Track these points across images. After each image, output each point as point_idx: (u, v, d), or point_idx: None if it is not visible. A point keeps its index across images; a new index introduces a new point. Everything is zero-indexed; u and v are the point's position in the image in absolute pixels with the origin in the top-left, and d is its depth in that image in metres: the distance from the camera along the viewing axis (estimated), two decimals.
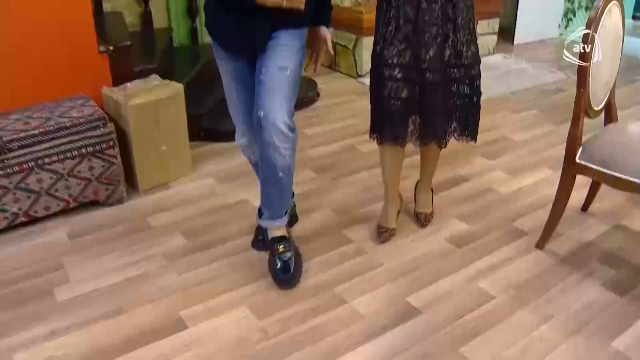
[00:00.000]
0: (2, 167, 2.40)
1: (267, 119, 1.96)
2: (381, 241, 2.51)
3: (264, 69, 2.00)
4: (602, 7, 2.16)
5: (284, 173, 2.08)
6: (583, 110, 2.24)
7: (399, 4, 2.15)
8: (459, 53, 2.20)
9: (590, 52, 2.14)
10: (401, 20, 2.16)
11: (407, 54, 2.17)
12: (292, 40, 2.03)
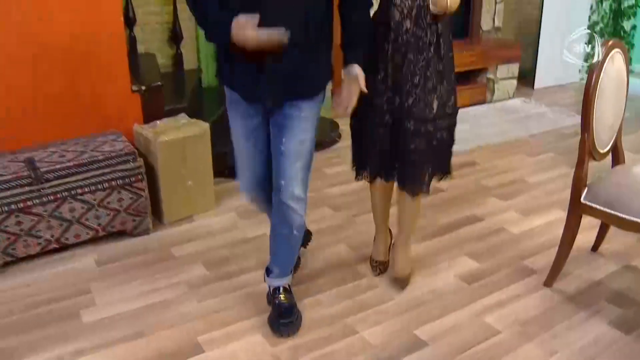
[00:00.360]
0: (38, 196, 2.58)
1: (287, 188, 2.08)
2: (375, 274, 2.62)
3: (285, 140, 2.06)
4: (604, 54, 2.28)
5: (298, 231, 2.19)
6: (587, 152, 2.34)
7: (389, 53, 2.23)
8: (444, 103, 2.26)
9: (593, 95, 2.26)
10: (389, 69, 2.24)
11: (396, 100, 2.24)
12: (311, 110, 2.09)
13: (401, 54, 2.21)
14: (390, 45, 2.23)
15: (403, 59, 2.21)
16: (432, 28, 2.19)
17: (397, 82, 2.24)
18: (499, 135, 4.49)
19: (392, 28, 2.22)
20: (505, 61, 5.43)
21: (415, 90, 2.21)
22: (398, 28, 2.21)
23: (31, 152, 2.75)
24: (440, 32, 2.20)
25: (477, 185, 3.59)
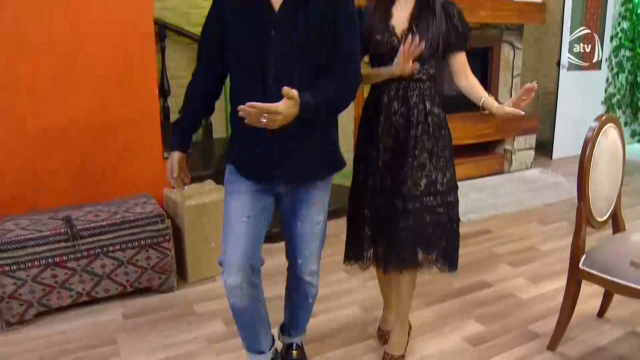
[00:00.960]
0: (73, 252, 2.80)
1: (305, 265, 2.17)
2: (381, 343, 2.66)
3: (300, 223, 2.12)
4: (597, 128, 2.46)
5: (313, 299, 2.29)
6: (585, 220, 2.47)
7: (379, 134, 2.29)
8: (434, 181, 2.27)
9: (587, 166, 2.42)
10: (381, 150, 2.29)
11: (387, 181, 2.29)
12: (323, 193, 2.14)
13: (391, 135, 2.28)
14: (380, 127, 2.29)
15: (394, 140, 2.27)
16: (420, 107, 2.26)
17: (388, 163, 2.29)
18: (514, 205, 4.62)
19: (381, 110, 2.30)
20: (523, 133, 5.62)
21: (404, 169, 2.25)
22: (387, 110, 2.28)
23: (69, 210, 2.99)
24: (428, 110, 2.27)
25: (489, 253, 3.71)
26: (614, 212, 2.69)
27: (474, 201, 4.63)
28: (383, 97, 2.29)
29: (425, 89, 2.28)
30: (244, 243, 2.04)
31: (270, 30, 1.89)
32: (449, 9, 2.27)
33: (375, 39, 2.25)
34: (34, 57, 2.93)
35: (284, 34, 1.89)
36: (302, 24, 1.89)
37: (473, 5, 4.98)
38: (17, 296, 2.71)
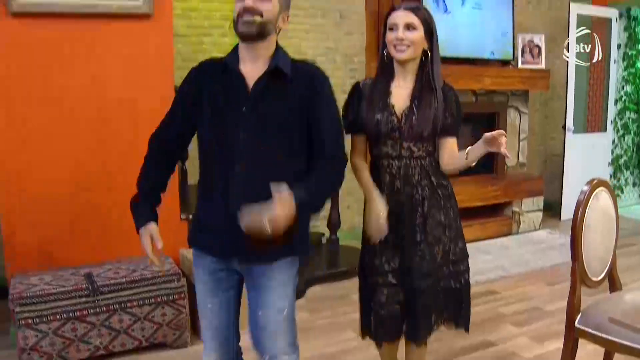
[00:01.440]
0: (92, 307, 2.96)
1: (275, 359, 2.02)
2: None
3: (262, 312, 1.98)
4: (588, 192, 2.60)
5: None
6: (579, 280, 2.59)
7: (388, 211, 2.23)
8: (448, 251, 2.28)
9: (579, 228, 2.55)
10: (388, 233, 2.24)
11: (397, 260, 2.28)
12: (287, 272, 2.01)
13: (396, 215, 2.25)
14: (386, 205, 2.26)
15: (397, 220, 2.25)
16: (424, 183, 2.26)
17: (397, 243, 2.27)
18: (520, 265, 4.71)
19: (383, 190, 2.27)
20: (530, 195, 5.75)
21: (419, 247, 2.24)
22: (389, 189, 2.27)
23: (90, 268, 3.17)
24: (436, 184, 2.27)
25: (493, 313, 3.79)
26: (609, 272, 2.80)
27: (481, 262, 4.72)
28: (385, 176, 2.28)
29: (426, 165, 2.28)
30: (214, 327, 2.07)
31: (242, 106, 1.90)
32: (447, 93, 2.29)
33: (376, 119, 2.25)
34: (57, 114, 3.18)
35: (256, 110, 1.90)
36: (275, 103, 1.90)
37: (478, 73, 5.22)
38: (39, 348, 2.86)
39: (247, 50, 1.95)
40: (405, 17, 2.22)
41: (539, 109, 6.55)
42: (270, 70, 1.92)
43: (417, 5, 2.31)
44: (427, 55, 2.27)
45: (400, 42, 2.22)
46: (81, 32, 3.20)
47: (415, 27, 2.22)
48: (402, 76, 2.30)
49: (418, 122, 2.23)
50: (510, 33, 5.66)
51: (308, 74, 1.97)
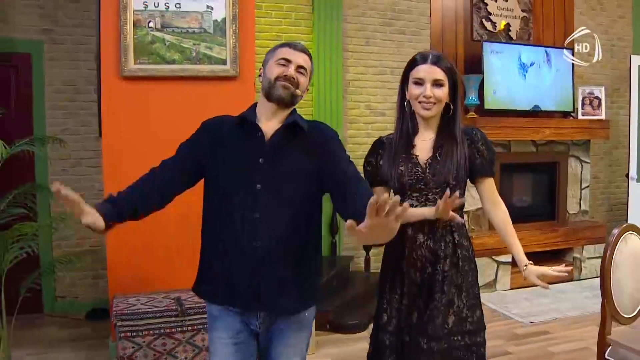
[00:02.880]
0: (180, 326, 3.46)
1: None
2: None
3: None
4: (617, 235, 2.88)
5: None
6: (609, 315, 2.86)
7: (404, 270, 2.20)
8: (464, 318, 2.16)
9: (608, 268, 2.83)
10: (406, 286, 2.20)
11: (412, 318, 2.19)
12: (299, 332, 2.09)
13: (417, 269, 2.19)
14: (404, 262, 2.21)
15: (420, 275, 2.19)
16: (447, 239, 2.19)
17: (414, 300, 2.19)
18: (576, 309, 4.88)
19: (405, 243, 2.20)
20: (592, 242, 5.90)
21: (431, 305, 2.15)
22: (411, 242, 2.19)
23: (179, 292, 3.69)
24: (457, 242, 2.20)
25: (543, 351, 4.01)
26: None
27: (538, 305, 4.94)
28: (407, 229, 2.19)
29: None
30: None
31: (259, 158, 1.97)
32: (471, 133, 2.26)
33: (399, 170, 2.20)
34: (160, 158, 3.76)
35: (273, 162, 1.97)
36: (291, 154, 1.98)
37: (537, 125, 5.52)
38: (134, 358, 3.37)
39: (269, 110, 2.03)
40: (433, 73, 2.16)
41: (603, 157, 6.70)
42: (287, 124, 2.00)
43: (441, 55, 2.25)
44: (449, 108, 2.23)
45: (427, 100, 2.17)
46: (179, 92, 3.79)
47: (443, 84, 2.18)
48: (424, 129, 2.26)
49: (441, 168, 2.17)
50: (571, 86, 5.94)
51: (320, 127, 2.08)
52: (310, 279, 2.08)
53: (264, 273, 1.97)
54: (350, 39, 5.39)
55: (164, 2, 3.70)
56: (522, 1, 5.95)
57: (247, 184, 1.97)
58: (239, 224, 1.97)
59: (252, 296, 1.99)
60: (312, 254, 2.08)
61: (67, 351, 3.94)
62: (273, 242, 1.95)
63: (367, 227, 1.49)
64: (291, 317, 2.06)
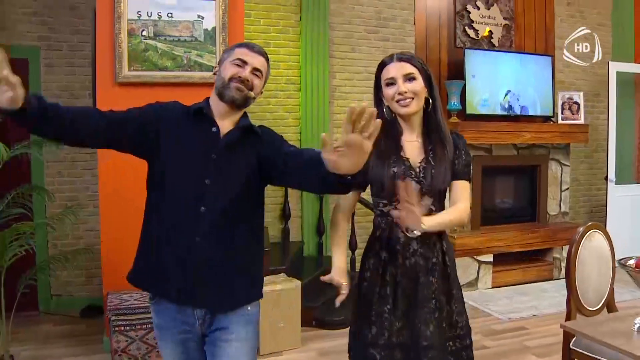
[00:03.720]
0: None
1: None
2: None
3: None
4: (581, 234, 3.10)
5: None
6: (574, 308, 3.06)
7: (396, 279, 2.12)
8: (453, 324, 2.14)
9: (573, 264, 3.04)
10: (398, 298, 2.11)
11: (405, 332, 2.11)
12: (244, 327, 2.03)
13: (410, 278, 2.11)
14: (398, 270, 2.13)
15: (414, 284, 2.11)
16: (437, 246, 2.15)
17: (408, 311, 2.11)
18: (554, 307, 5.08)
19: (398, 250, 2.13)
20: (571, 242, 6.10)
21: (433, 316, 2.10)
22: (405, 251, 2.12)
23: None
24: (445, 249, 2.17)
25: (519, 345, 4.21)
26: (607, 303, 3.25)
27: (517, 303, 5.15)
28: (400, 235, 2.12)
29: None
30: None
31: (212, 154, 1.97)
32: (458, 141, 2.20)
33: (392, 172, 2.11)
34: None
35: (225, 159, 1.97)
36: (242, 154, 1.99)
37: (518, 129, 5.74)
38: (127, 351, 3.55)
39: (221, 110, 2.02)
40: (402, 69, 2.10)
41: (583, 160, 6.92)
42: (243, 127, 2.02)
43: (409, 53, 2.20)
44: (429, 104, 2.16)
45: (403, 96, 2.09)
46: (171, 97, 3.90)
47: (415, 77, 2.10)
48: (409, 130, 2.18)
49: (436, 174, 2.12)
50: (551, 91, 6.17)
51: (269, 132, 2.07)
52: (251, 275, 2.07)
53: (201, 268, 1.95)
54: (336, 45, 5.61)
55: (156, 11, 3.90)
56: (504, 9, 6.18)
57: (197, 177, 1.95)
58: (183, 216, 1.95)
59: (185, 290, 1.96)
60: (254, 250, 2.08)
61: (62, 347, 4.10)
62: (213, 236, 1.95)
63: (343, 144, 1.53)
64: (235, 312, 2.01)
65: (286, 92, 5.51)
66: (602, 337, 2.40)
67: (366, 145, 1.53)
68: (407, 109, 2.11)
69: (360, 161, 1.57)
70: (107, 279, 3.91)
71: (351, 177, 1.65)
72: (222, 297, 1.98)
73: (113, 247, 3.85)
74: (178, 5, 3.94)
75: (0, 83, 1.57)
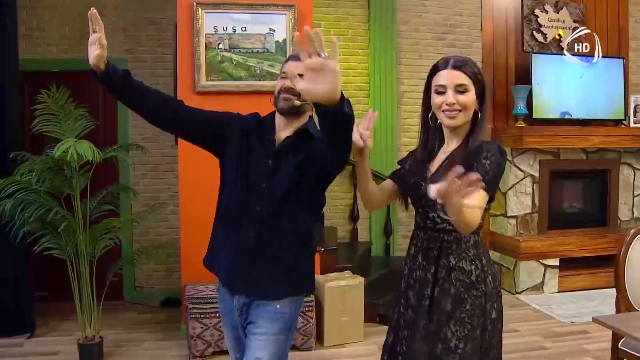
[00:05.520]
0: None
1: None
2: None
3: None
4: (632, 234, 3.24)
5: None
6: (623, 308, 3.22)
7: (402, 289, 2.16)
8: (451, 350, 1.97)
9: (622, 264, 3.20)
10: (402, 307, 2.13)
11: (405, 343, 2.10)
12: (269, 323, 2.14)
13: (415, 290, 2.09)
14: (403, 281, 2.17)
15: (416, 297, 2.08)
16: (442, 262, 2.03)
17: (410, 323, 2.10)
18: None
19: (406, 262, 2.17)
20: None
21: (420, 333, 2.03)
22: (412, 262, 2.12)
23: None
24: (452, 266, 2.02)
25: (578, 348, 4.33)
26: None
27: (582, 307, 5.23)
28: (411, 248, 2.17)
29: (450, 241, 2.04)
30: None
31: (268, 159, 2.19)
32: (483, 146, 1.98)
33: (410, 182, 2.13)
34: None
35: (279, 164, 2.18)
36: (296, 159, 2.16)
37: (585, 133, 5.82)
38: (202, 337, 3.97)
39: (281, 121, 2.24)
40: (455, 78, 1.99)
41: None
42: (299, 131, 2.19)
43: (465, 59, 2.05)
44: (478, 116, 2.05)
45: (450, 107, 2.00)
46: (245, 105, 4.22)
47: (467, 89, 1.99)
48: (451, 140, 2.11)
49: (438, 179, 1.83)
50: (623, 94, 6.19)
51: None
52: (290, 273, 2.20)
53: (243, 257, 2.19)
54: (404, 53, 5.89)
55: (231, 26, 4.32)
56: (573, 12, 6.25)
57: (254, 180, 2.18)
58: (237, 211, 2.20)
59: (231, 277, 2.23)
60: (297, 249, 2.22)
61: (145, 332, 4.60)
62: (258, 231, 2.17)
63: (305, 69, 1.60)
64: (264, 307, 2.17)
65: (355, 99, 5.80)
66: (630, 330, 2.54)
67: (328, 64, 1.56)
68: (453, 121, 2.02)
69: (331, 84, 1.59)
70: (186, 271, 4.34)
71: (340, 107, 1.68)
72: (252, 287, 2.18)
73: (191, 241, 4.27)
74: (251, 19, 4.35)
75: (94, 43, 2.00)
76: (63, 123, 3.90)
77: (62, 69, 5.21)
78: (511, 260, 5.84)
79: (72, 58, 5.23)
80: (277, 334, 2.15)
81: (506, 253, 5.93)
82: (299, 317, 3.78)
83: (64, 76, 4.78)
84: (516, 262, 5.76)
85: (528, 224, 5.95)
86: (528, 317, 5.08)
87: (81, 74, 5.30)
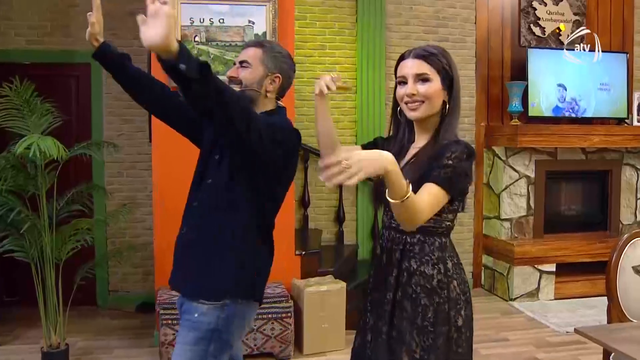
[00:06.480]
0: None
1: None
2: None
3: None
4: (624, 240, 3.19)
5: None
6: (616, 317, 3.16)
7: (369, 289, 2.13)
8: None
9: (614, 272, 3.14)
10: (367, 308, 2.11)
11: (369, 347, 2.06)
12: (186, 332, 2.19)
13: (379, 291, 2.05)
14: (369, 283, 2.15)
15: (380, 299, 2.03)
16: (403, 266, 1.97)
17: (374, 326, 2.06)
18: None
19: (374, 262, 2.19)
20: None
21: (381, 338, 1.99)
22: (377, 263, 2.10)
23: None
24: (414, 269, 1.96)
25: (572, 359, 4.28)
26: None
27: (580, 316, 5.17)
28: (377, 247, 2.18)
29: (412, 243, 1.98)
30: None
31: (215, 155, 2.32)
32: (448, 146, 1.93)
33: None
34: None
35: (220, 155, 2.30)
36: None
37: (584, 132, 5.76)
38: (174, 344, 3.84)
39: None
40: (415, 67, 1.94)
41: None
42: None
43: (431, 49, 1.99)
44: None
45: (411, 99, 1.95)
46: None
47: (429, 79, 1.94)
48: (420, 135, 2.06)
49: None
50: (625, 91, 6.14)
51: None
52: (207, 271, 2.21)
53: (178, 252, 2.33)
54: (393, 47, 5.82)
55: (208, 17, 4.26)
56: (574, 4, 6.19)
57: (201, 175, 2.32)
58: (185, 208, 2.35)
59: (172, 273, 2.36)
60: (222, 246, 2.23)
61: (115, 339, 4.54)
62: (193, 227, 2.29)
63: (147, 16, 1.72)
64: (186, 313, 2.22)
65: (342, 95, 5.75)
66: (613, 343, 2.49)
67: (163, 8, 1.69)
68: (414, 113, 1.97)
69: (162, 27, 1.68)
70: (160, 275, 4.28)
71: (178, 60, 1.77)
72: (177, 280, 2.32)
73: (165, 243, 4.20)
74: (229, 11, 4.29)
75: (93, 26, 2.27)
76: (27, 118, 3.84)
77: (33, 61, 5.15)
78: (505, 266, 5.79)
79: (43, 49, 5.17)
80: (192, 345, 2.15)
81: (500, 257, 5.88)
82: (274, 324, 3.76)
83: (34, 69, 4.73)
84: (510, 267, 5.71)
85: (523, 227, 5.90)
86: (521, 325, 5.03)
87: (53, 66, 5.40)
